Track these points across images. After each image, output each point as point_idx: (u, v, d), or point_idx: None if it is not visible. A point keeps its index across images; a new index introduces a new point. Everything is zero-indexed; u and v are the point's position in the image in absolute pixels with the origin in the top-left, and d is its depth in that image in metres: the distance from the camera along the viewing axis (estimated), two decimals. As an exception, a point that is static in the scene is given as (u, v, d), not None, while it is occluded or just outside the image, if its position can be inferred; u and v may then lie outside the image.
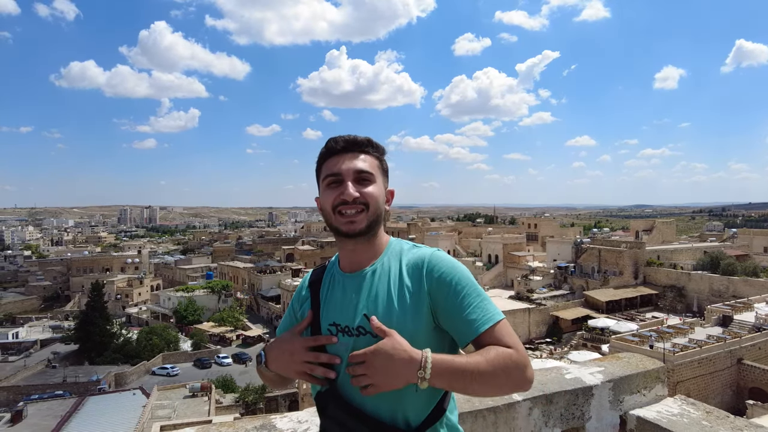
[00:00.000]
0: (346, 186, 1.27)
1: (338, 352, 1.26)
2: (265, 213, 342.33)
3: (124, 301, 69.53)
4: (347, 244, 1.31)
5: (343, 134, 1.34)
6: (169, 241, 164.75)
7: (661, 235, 63.64)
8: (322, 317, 1.31)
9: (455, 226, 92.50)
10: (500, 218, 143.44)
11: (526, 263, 56.34)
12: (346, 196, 1.26)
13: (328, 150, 1.33)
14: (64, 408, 27.28)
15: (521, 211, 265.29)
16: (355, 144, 1.32)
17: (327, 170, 1.32)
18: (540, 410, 2.01)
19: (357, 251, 1.32)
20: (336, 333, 1.27)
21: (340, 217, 1.27)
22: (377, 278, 1.29)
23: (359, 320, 1.25)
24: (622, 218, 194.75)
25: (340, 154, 1.31)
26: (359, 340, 1.24)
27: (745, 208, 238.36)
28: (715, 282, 42.97)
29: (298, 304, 1.44)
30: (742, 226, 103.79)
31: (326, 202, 1.30)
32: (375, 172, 1.32)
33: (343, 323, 1.27)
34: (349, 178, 1.28)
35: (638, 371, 2.27)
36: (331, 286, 1.36)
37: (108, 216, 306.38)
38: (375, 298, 1.27)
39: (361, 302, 1.27)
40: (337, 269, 1.38)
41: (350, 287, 1.31)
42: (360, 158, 1.31)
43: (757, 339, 30.01)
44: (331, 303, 1.33)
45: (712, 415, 2.11)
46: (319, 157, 1.36)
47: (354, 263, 1.33)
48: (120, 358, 42.18)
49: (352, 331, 1.25)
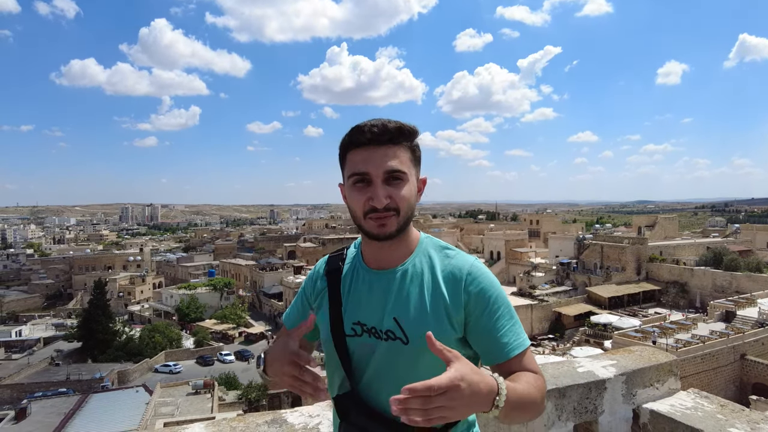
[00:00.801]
0: (375, 191, 1.13)
1: (363, 353, 1.19)
2: (267, 210, 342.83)
3: (127, 299, 69.74)
4: (374, 243, 1.21)
5: (369, 120, 1.17)
6: (170, 238, 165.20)
7: (663, 230, 63.54)
8: (345, 314, 1.22)
9: (457, 222, 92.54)
10: (502, 215, 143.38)
11: (528, 259, 56.34)
12: (377, 203, 1.13)
13: (352, 141, 1.17)
14: (68, 405, 27.40)
15: (523, 208, 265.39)
16: (385, 133, 1.14)
17: (353, 167, 1.16)
18: (553, 404, 1.99)
19: (385, 249, 1.21)
20: (360, 333, 1.20)
21: (371, 221, 1.16)
22: (408, 280, 1.20)
23: (388, 323, 1.17)
24: (624, 214, 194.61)
25: (368, 146, 1.14)
26: (384, 344, 1.17)
27: (748, 204, 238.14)
28: (717, 278, 42.92)
29: (312, 292, 1.33)
30: (745, 221, 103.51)
31: (355, 205, 1.17)
32: (407, 169, 1.17)
33: (369, 324, 1.19)
34: (379, 179, 1.14)
35: (651, 364, 2.24)
36: (354, 280, 1.26)
37: (110, 214, 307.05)
38: (406, 302, 1.18)
39: (390, 304, 1.18)
40: (362, 263, 1.27)
41: (378, 286, 1.22)
42: (391, 154, 1.15)
43: (760, 334, 29.98)
44: (355, 300, 1.23)
45: (727, 409, 2.08)
46: (343, 145, 1.20)
47: (382, 261, 1.23)
48: (123, 355, 42.33)
49: (380, 334, 1.18)
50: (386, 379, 1.16)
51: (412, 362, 1.14)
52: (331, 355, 1.24)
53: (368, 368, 1.18)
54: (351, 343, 1.21)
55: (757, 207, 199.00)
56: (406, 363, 1.15)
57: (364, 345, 1.19)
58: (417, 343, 1.13)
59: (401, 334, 1.15)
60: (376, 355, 1.18)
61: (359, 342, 1.20)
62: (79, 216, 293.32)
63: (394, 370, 1.15)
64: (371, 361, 1.18)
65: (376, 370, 1.18)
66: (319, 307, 1.29)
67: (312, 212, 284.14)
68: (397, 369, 1.15)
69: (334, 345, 1.21)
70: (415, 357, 1.14)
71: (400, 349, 1.15)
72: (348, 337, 1.21)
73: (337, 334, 1.22)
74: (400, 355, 1.15)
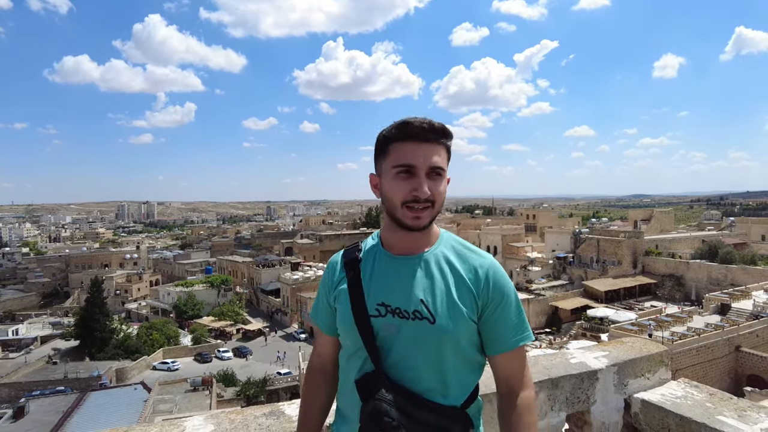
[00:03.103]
0: (420, 182, 1.22)
1: (388, 332, 1.24)
2: (263, 207, 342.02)
3: (124, 296, 69.58)
4: (402, 232, 1.29)
5: (416, 117, 1.25)
6: (167, 236, 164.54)
7: (659, 224, 63.78)
8: (368, 296, 1.27)
9: (454, 217, 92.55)
10: (499, 209, 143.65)
11: (525, 254, 56.46)
12: (421, 194, 1.22)
13: (402, 134, 1.24)
14: (66, 404, 27.37)
15: (520, 202, 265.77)
16: (433, 131, 1.24)
17: (399, 158, 1.24)
18: (546, 394, 2.02)
19: (412, 237, 1.30)
20: (385, 314, 1.25)
21: (408, 211, 1.24)
22: (433, 266, 1.29)
23: (415, 304, 1.24)
24: (620, 208, 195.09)
25: (415, 141, 1.23)
26: (411, 323, 1.23)
27: (743, 197, 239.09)
28: (713, 270, 43.17)
29: (330, 286, 1.37)
30: (740, 214, 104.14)
31: (395, 193, 1.24)
32: (445, 167, 1.28)
33: (394, 305, 1.25)
34: (423, 172, 1.23)
35: (642, 355, 2.28)
36: (375, 265, 1.32)
37: (106, 212, 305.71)
38: (431, 284, 1.26)
39: (417, 286, 1.26)
40: (383, 250, 1.34)
41: (403, 269, 1.29)
42: (435, 151, 1.24)
43: (754, 326, 30.20)
44: (378, 283, 1.29)
45: (716, 397, 2.12)
46: (387, 137, 1.26)
47: (407, 248, 1.31)
48: (120, 353, 42.26)
49: (406, 314, 1.24)
50: (413, 358, 1.24)
51: (436, 341, 1.23)
52: (352, 339, 1.28)
53: (394, 347, 1.24)
54: (375, 323, 1.25)
55: (752, 200, 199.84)
56: (431, 342, 1.23)
57: (389, 325, 1.24)
58: (443, 322, 1.22)
59: (428, 314, 1.22)
60: (402, 334, 1.23)
61: (383, 322, 1.24)
62: (74, 214, 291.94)
63: (421, 348, 1.23)
64: (397, 340, 1.24)
65: (404, 349, 1.24)
66: (338, 297, 1.33)
67: (309, 208, 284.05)
68: (424, 348, 1.23)
69: (357, 326, 1.25)
70: (440, 336, 1.22)
71: (427, 328, 1.22)
72: (372, 318, 1.25)
73: (360, 315, 1.26)
74: (426, 334, 1.22)
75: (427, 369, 1.24)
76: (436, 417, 1.19)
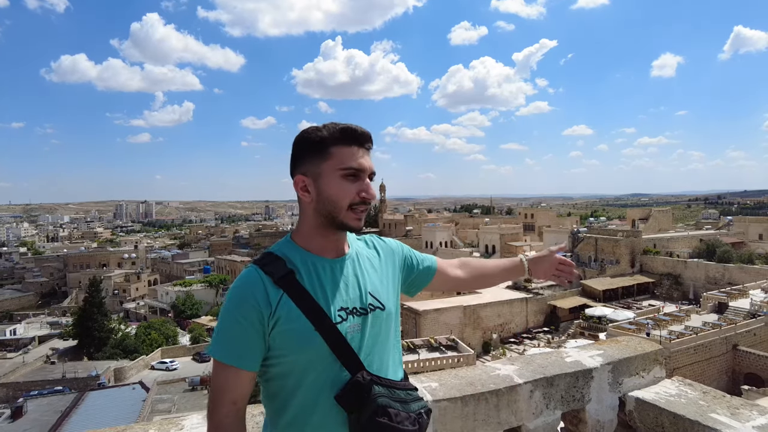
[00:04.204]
0: (367, 186, 1.29)
1: (354, 335, 1.26)
2: (262, 206, 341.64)
3: (122, 296, 69.56)
4: (337, 234, 1.33)
5: (351, 124, 1.30)
6: (165, 235, 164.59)
7: (657, 223, 63.90)
8: (327, 305, 1.24)
9: (452, 217, 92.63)
10: (497, 209, 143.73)
11: (523, 253, 56.49)
12: (369, 196, 1.29)
13: (346, 138, 1.27)
14: (64, 403, 27.36)
15: (518, 202, 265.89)
16: (369, 139, 1.31)
17: (346, 161, 1.26)
18: (541, 392, 2.04)
19: (339, 239, 1.35)
20: (346, 317, 1.26)
21: (352, 213, 1.28)
22: (363, 260, 1.39)
23: (367, 298, 1.31)
24: (618, 207, 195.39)
25: (356, 146, 1.28)
26: (370, 316, 1.30)
27: (741, 196, 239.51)
28: (710, 270, 43.29)
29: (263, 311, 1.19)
30: (738, 213, 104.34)
31: (342, 195, 1.26)
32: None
33: (350, 305, 1.28)
34: (366, 176, 1.29)
35: (636, 354, 2.30)
36: (318, 274, 1.28)
37: (104, 212, 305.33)
38: (371, 276, 1.37)
39: (363, 281, 1.34)
40: (314, 257, 1.30)
41: (347, 270, 1.33)
42: (370, 156, 1.32)
43: (752, 325, 30.32)
44: (330, 290, 1.27)
45: (709, 395, 2.15)
46: (326, 139, 1.27)
47: (337, 250, 1.35)
48: (119, 353, 42.23)
49: (363, 310, 1.29)
50: (381, 348, 1.32)
51: (389, 325, 1.35)
52: (315, 354, 1.21)
53: (364, 345, 1.27)
54: (342, 329, 1.24)
55: (750, 199, 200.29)
56: (386, 327, 1.34)
57: (353, 326, 1.26)
58: (389, 307, 1.36)
59: (378, 303, 1.33)
60: (367, 330, 1.28)
61: (348, 326, 1.25)
62: (72, 214, 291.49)
63: (381, 336, 1.32)
64: (365, 337, 1.28)
65: (373, 343, 1.29)
66: (283, 318, 1.20)
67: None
68: (382, 335, 1.33)
69: (325, 339, 1.21)
70: (389, 319, 1.35)
71: (381, 316, 1.32)
72: (338, 325, 1.24)
73: (325, 327, 1.21)
74: (381, 321, 1.32)
75: (387, 354, 1.33)
76: (410, 393, 1.28)
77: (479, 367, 2.19)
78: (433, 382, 1.98)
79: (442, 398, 1.84)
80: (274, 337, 1.20)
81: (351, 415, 1.20)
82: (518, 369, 2.13)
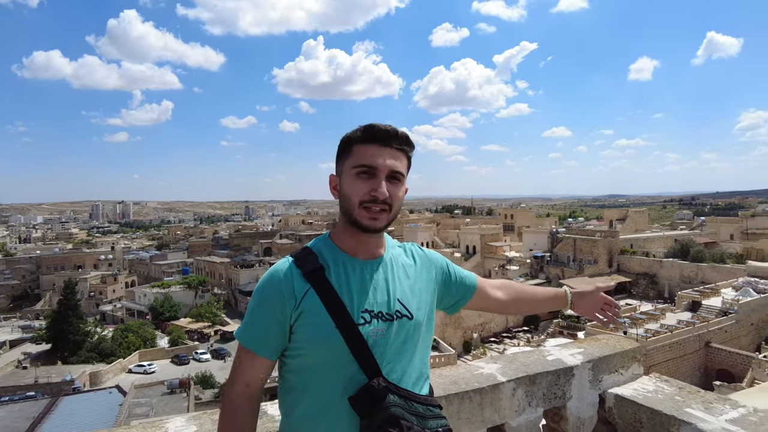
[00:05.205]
0: (379, 183, 1.25)
1: (377, 338, 1.23)
2: (242, 207, 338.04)
3: (98, 298, 68.02)
4: (366, 236, 1.30)
5: (382, 123, 1.29)
6: (143, 236, 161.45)
7: (634, 224, 65.20)
8: (351, 305, 1.23)
9: (434, 217, 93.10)
10: (478, 209, 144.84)
11: (503, 253, 57.11)
12: (379, 194, 1.24)
13: (366, 137, 1.28)
14: (37, 409, 26.63)
15: (498, 202, 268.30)
16: (395, 138, 1.29)
17: (361, 158, 1.26)
18: (523, 391, 2.07)
19: (372, 241, 1.33)
20: (370, 320, 1.24)
21: (365, 211, 1.26)
22: (397, 265, 1.36)
23: (395, 304, 1.28)
24: (596, 208, 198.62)
25: (379, 145, 1.27)
26: (396, 323, 1.27)
27: (713, 197, 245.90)
28: (685, 269, 44.34)
29: (287, 302, 1.23)
30: (710, 214, 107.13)
31: (354, 192, 1.26)
32: (405, 173, 1.32)
33: (376, 309, 1.26)
34: (384, 175, 1.26)
35: (616, 351, 2.35)
36: (346, 272, 1.28)
37: (79, 212, 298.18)
38: (402, 283, 1.33)
39: (393, 287, 1.31)
40: (346, 256, 1.31)
41: (377, 273, 1.31)
42: (397, 156, 1.29)
43: (723, 323, 31.15)
44: (356, 290, 1.26)
45: (684, 391, 2.21)
46: (350, 138, 1.30)
47: (369, 252, 1.33)
48: (95, 356, 41.29)
49: (389, 316, 1.26)
50: (405, 358, 1.28)
51: (416, 336, 1.31)
52: (333, 352, 1.21)
53: (387, 351, 1.24)
54: (364, 332, 1.23)
55: (722, 200, 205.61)
56: (412, 337, 1.30)
57: (376, 330, 1.24)
58: (419, 318, 1.31)
59: (406, 312, 1.29)
60: (391, 336, 1.25)
61: (370, 329, 1.23)
62: (46, 214, 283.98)
63: (406, 346, 1.28)
64: (389, 343, 1.25)
65: (396, 351, 1.26)
66: (306, 311, 1.23)
67: (288, 208, 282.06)
68: (408, 344, 1.29)
69: (344, 338, 1.20)
70: (417, 330, 1.31)
71: (408, 325, 1.28)
72: (359, 326, 1.22)
73: (346, 326, 1.21)
74: (408, 330, 1.28)
75: (411, 365, 1.29)
76: (431, 410, 1.24)
77: (463, 366, 2.21)
78: (418, 381, 1.99)
79: (426, 397, 1.85)
80: (296, 329, 1.23)
81: (363, 419, 1.19)
82: (501, 367, 2.16)
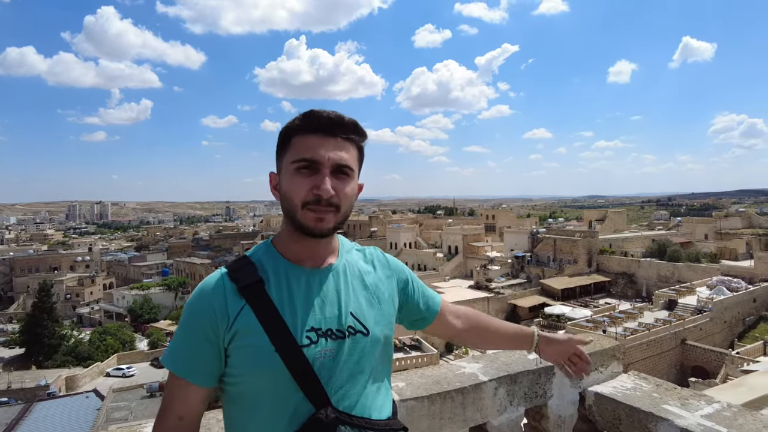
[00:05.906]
0: (322, 180, 1.05)
1: (325, 361, 1.05)
2: (222, 207, 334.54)
3: (75, 300, 66.63)
4: (308, 240, 1.10)
5: (324, 109, 1.08)
6: (122, 237, 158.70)
7: (612, 224, 66.28)
8: (294, 324, 1.04)
9: (416, 218, 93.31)
10: (460, 210, 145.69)
11: (484, 253, 57.53)
12: (323, 192, 1.04)
13: (306, 126, 1.07)
14: (10, 415, 25.95)
15: (480, 203, 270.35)
16: (341, 126, 1.08)
17: (301, 151, 1.06)
18: (505, 390, 2.08)
19: (321, 246, 1.13)
20: (317, 340, 1.05)
21: (309, 212, 1.06)
22: (350, 274, 1.16)
23: (348, 319, 1.09)
24: (576, 208, 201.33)
25: (321, 135, 1.06)
26: (348, 341, 1.08)
27: (689, 198, 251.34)
28: (662, 268, 45.23)
29: (220, 322, 1.04)
30: (686, 215, 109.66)
31: (295, 192, 1.06)
32: (355, 167, 1.11)
33: (324, 326, 1.07)
34: (328, 170, 1.06)
35: (595, 350, 2.38)
36: (289, 285, 1.09)
37: (55, 213, 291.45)
38: (356, 295, 1.15)
39: (345, 299, 1.12)
40: (290, 265, 1.11)
41: (327, 284, 1.12)
42: (344, 147, 1.08)
43: (698, 321, 31.88)
44: (300, 305, 1.07)
45: (662, 388, 2.25)
46: (291, 128, 1.09)
47: (317, 259, 1.13)
48: (71, 360, 40.42)
49: (340, 333, 1.08)
50: (358, 381, 1.09)
51: (373, 354, 1.12)
52: (273, 379, 1.03)
53: (337, 375, 1.06)
54: (309, 354, 1.04)
55: (697, 201, 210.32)
56: (369, 356, 1.11)
57: (324, 351, 1.05)
58: (375, 333, 1.13)
59: (361, 327, 1.10)
60: (342, 357, 1.07)
61: (317, 350, 1.05)
62: (20, 215, 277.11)
63: (361, 366, 1.10)
64: (339, 366, 1.06)
65: (349, 373, 1.08)
66: (241, 332, 1.04)
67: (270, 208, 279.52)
68: (363, 364, 1.10)
69: (285, 362, 1.02)
70: (374, 347, 1.12)
71: (363, 342, 1.10)
72: (304, 348, 1.04)
73: (287, 348, 1.02)
74: (364, 348, 1.10)
75: (367, 388, 1.10)
76: None
77: (445, 366, 2.21)
78: (400, 381, 1.99)
79: (409, 397, 1.85)
80: (231, 353, 1.04)
81: None
82: (483, 367, 2.17)
